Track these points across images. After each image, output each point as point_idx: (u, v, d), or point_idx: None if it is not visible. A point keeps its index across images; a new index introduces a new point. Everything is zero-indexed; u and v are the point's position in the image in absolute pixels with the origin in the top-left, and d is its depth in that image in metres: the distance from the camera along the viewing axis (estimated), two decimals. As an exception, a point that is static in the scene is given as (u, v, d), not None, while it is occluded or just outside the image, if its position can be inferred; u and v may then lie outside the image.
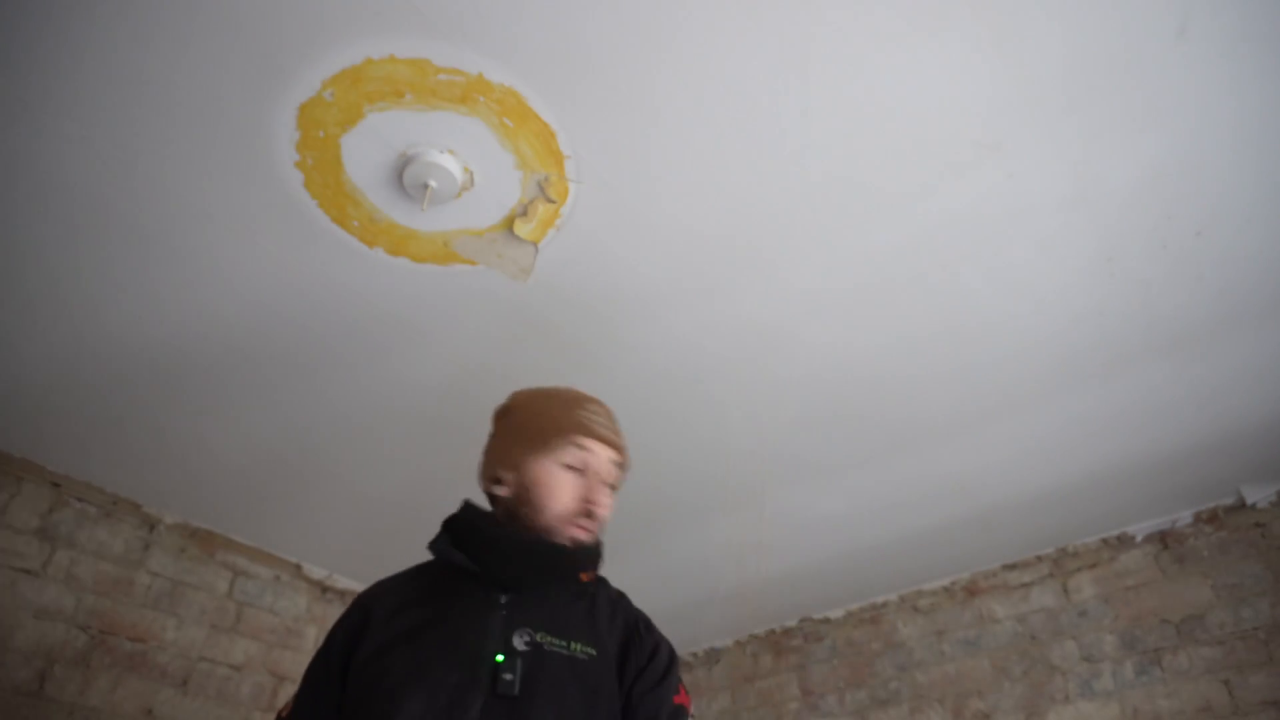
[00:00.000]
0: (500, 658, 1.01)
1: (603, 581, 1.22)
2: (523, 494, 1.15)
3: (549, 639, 1.06)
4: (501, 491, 1.18)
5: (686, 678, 3.60)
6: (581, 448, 1.16)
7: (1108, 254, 1.67)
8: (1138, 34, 1.27)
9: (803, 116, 1.40)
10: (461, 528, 1.17)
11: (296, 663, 2.81)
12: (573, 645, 1.07)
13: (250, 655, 2.71)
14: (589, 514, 1.15)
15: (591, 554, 1.16)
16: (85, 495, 2.49)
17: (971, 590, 2.94)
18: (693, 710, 1.16)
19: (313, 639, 2.90)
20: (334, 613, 2.99)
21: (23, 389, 2.11)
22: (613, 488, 1.20)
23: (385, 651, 1.05)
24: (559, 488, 1.14)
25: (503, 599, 1.09)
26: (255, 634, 2.76)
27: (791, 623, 3.37)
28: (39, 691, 2.24)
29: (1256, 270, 1.70)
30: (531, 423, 1.20)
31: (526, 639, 1.04)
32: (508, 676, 0.99)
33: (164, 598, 2.57)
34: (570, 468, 1.16)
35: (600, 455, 1.18)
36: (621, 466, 1.22)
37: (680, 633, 3.47)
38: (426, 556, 1.23)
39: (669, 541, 2.76)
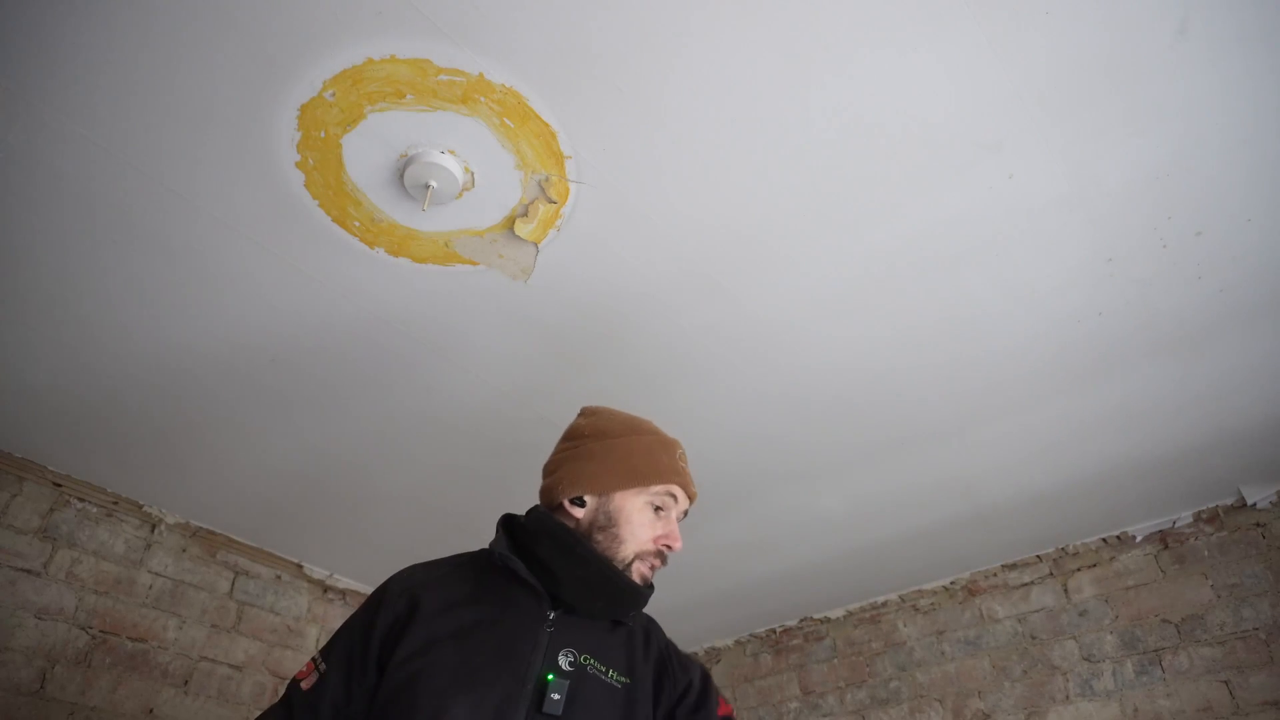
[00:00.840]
0: (551, 677, 1.02)
1: None
2: (603, 521, 1.17)
3: (591, 663, 1.07)
4: (578, 512, 1.18)
5: (687, 677, 3.60)
6: (674, 496, 1.21)
7: (1108, 254, 1.67)
8: (1138, 34, 1.28)
9: (803, 116, 1.40)
10: (531, 534, 1.16)
11: (298, 662, 2.81)
12: (611, 673, 1.09)
13: (251, 655, 2.72)
14: (662, 555, 1.19)
15: (650, 593, 1.19)
16: (86, 495, 2.49)
17: (971, 590, 2.94)
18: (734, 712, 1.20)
19: (313, 639, 2.90)
20: (334, 612, 3.00)
21: (24, 389, 2.11)
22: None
23: (433, 648, 1.03)
24: (643, 526, 1.18)
25: (551, 614, 1.10)
26: (256, 634, 2.76)
27: (791, 622, 3.37)
28: (40, 691, 2.24)
29: (1256, 270, 1.70)
30: (632, 458, 1.21)
31: (571, 659, 1.06)
32: (555, 696, 1.00)
33: (165, 597, 2.58)
34: (656, 508, 1.20)
35: (682, 504, 1.23)
36: (688, 512, 1.27)
37: (680, 632, 3.47)
38: (430, 555, 1.23)
39: (669, 541, 2.76)
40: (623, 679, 1.09)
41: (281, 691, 2.67)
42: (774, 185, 1.53)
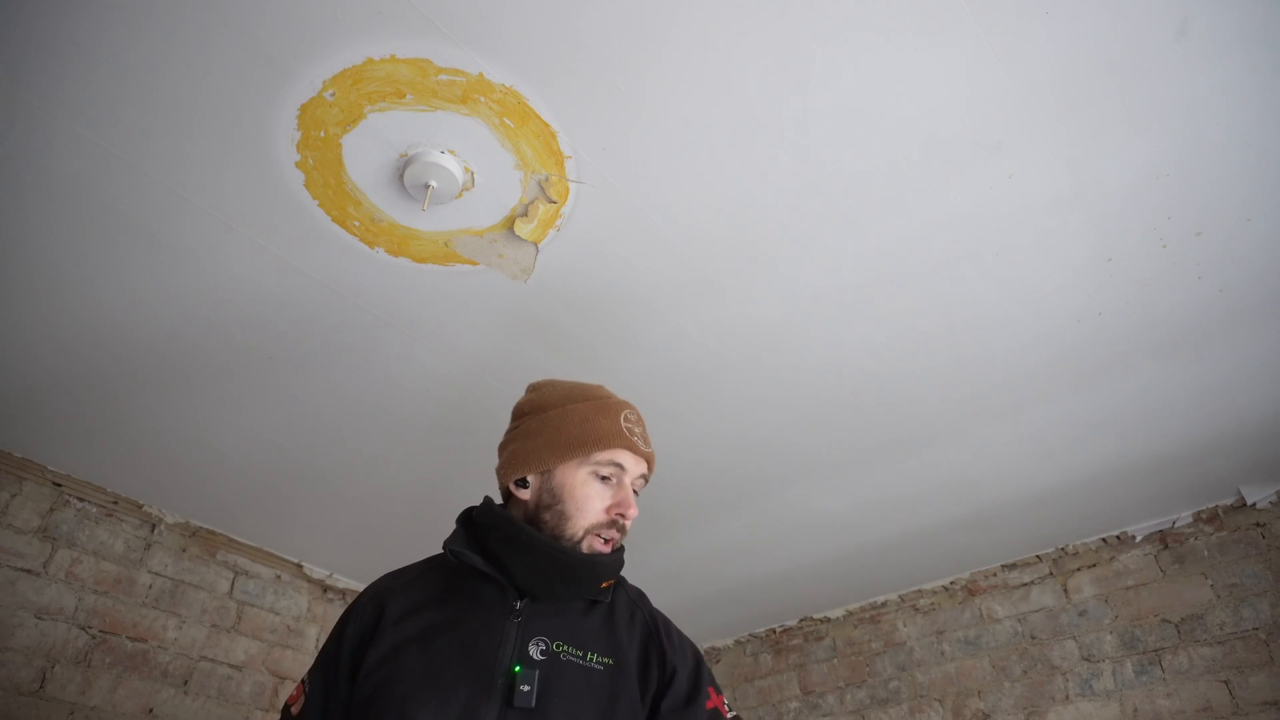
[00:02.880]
0: (518, 668, 0.99)
1: (620, 580, 1.19)
2: (549, 500, 1.12)
3: (565, 649, 1.04)
4: (524, 494, 1.14)
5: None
6: (619, 464, 1.13)
7: (1107, 254, 1.67)
8: (1137, 34, 1.28)
9: (803, 116, 1.40)
10: (482, 527, 1.14)
11: (297, 662, 2.81)
12: (589, 655, 1.04)
13: (251, 655, 2.72)
14: (616, 525, 1.11)
15: (618, 563, 1.14)
16: (86, 495, 2.49)
17: (971, 590, 2.94)
18: (725, 703, 1.12)
19: (313, 638, 2.90)
20: (335, 612, 2.99)
21: (24, 388, 2.11)
22: (637, 492, 1.17)
23: (398, 654, 1.02)
24: (590, 499, 1.11)
25: (518, 604, 1.07)
26: (256, 633, 2.76)
27: (791, 622, 3.37)
28: (40, 691, 2.24)
29: (1256, 270, 1.70)
30: (567, 428, 1.14)
31: (543, 648, 1.02)
32: (525, 688, 0.97)
33: (165, 597, 2.58)
34: (603, 479, 1.13)
35: (634, 469, 1.15)
36: (648, 477, 1.19)
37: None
38: (430, 553, 1.22)
39: (669, 541, 2.76)
40: (605, 660, 1.05)
41: (281, 693, 2.66)
42: (774, 185, 1.53)
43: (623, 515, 1.11)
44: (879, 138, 1.44)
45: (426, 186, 1.50)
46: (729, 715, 1.11)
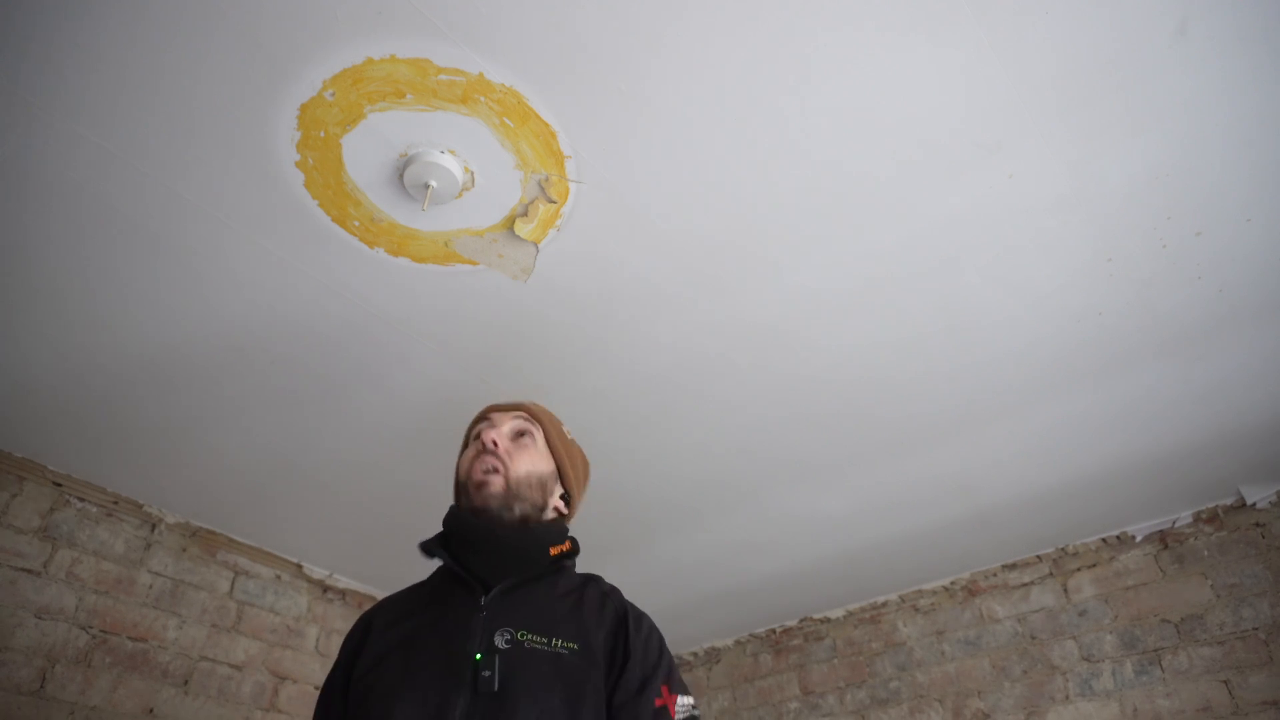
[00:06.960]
0: (479, 656, 1.05)
1: (593, 579, 1.25)
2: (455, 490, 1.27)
3: (530, 636, 1.09)
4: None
5: (685, 678, 3.60)
6: (485, 419, 1.31)
7: (1107, 254, 1.67)
8: (1137, 34, 1.28)
9: (803, 117, 1.40)
10: (447, 525, 1.24)
11: (297, 662, 2.82)
12: (555, 641, 1.10)
13: (251, 655, 2.72)
14: (485, 450, 1.23)
15: (550, 531, 1.23)
16: (86, 495, 2.49)
17: (971, 590, 2.94)
18: (678, 705, 1.11)
19: (313, 638, 2.91)
20: (334, 612, 3.00)
21: (25, 388, 2.11)
22: (522, 434, 1.29)
23: (383, 659, 1.11)
24: (465, 456, 1.28)
25: (483, 600, 1.13)
26: (256, 633, 2.76)
27: (791, 622, 3.37)
28: (40, 691, 2.24)
29: (1256, 270, 1.70)
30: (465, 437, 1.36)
31: (507, 638, 1.08)
32: (486, 674, 1.03)
33: (165, 597, 2.58)
34: (475, 438, 1.29)
35: (498, 421, 1.29)
36: (527, 419, 1.31)
37: (680, 632, 3.47)
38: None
39: (670, 541, 2.76)
40: (570, 645, 1.10)
41: (280, 693, 2.67)
42: (774, 185, 1.53)
43: (480, 438, 1.25)
44: (879, 138, 1.44)
45: (426, 186, 1.50)
46: (678, 717, 1.11)
